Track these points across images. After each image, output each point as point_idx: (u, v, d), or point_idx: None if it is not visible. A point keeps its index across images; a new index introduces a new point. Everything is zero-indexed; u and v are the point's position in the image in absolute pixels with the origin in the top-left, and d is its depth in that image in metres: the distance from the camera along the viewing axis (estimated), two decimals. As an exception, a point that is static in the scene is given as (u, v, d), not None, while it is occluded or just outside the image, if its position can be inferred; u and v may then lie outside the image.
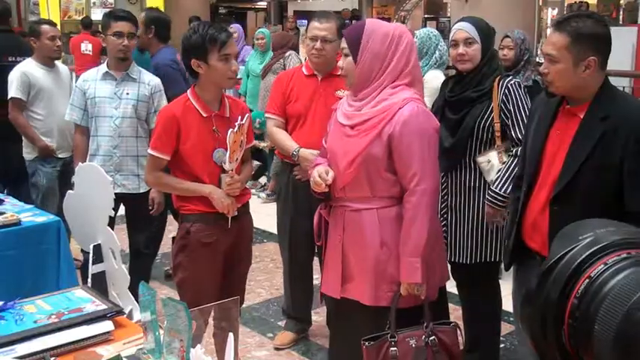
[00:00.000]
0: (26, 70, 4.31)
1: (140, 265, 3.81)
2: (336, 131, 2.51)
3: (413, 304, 2.43)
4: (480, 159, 2.88)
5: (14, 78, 4.27)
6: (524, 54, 4.29)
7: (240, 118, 2.63)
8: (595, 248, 0.79)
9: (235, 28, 6.94)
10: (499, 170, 2.85)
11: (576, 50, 2.16)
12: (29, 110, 4.34)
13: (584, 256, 0.79)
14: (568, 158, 2.23)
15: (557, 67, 2.19)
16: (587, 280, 0.77)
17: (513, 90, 2.85)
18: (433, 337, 2.41)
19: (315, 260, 3.51)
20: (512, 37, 4.45)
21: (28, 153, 4.39)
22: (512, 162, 2.80)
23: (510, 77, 2.94)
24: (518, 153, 2.72)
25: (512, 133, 2.84)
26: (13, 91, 4.27)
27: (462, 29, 2.89)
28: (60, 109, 4.31)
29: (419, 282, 2.36)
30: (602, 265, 0.77)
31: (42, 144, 4.33)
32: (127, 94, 3.62)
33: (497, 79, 2.87)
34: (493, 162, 2.86)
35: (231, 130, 2.57)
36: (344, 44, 2.44)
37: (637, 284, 0.73)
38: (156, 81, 3.71)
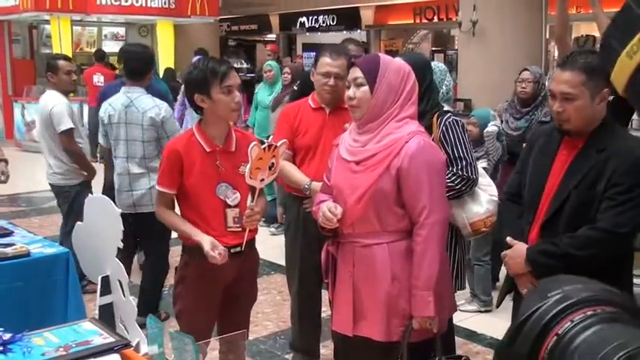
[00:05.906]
0: (64, 101, 4.60)
1: None
2: (340, 167, 2.49)
3: (424, 338, 2.41)
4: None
5: (61, 111, 4.51)
6: (542, 89, 4.30)
7: (270, 138, 2.61)
8: (562, 305, 0.82)
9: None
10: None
11: (592, 84, 2.20)
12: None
13: (552, 314, 0.82)
14: (560, 186, 2.27)
15: (576, 104, 2.21)
16: (556, 337, 0.80)
17: (451, 127, 2.87)
18: None
19: (324, 293, 3.49)
20: (531, 71, 4.45)
21: (71, 179, 4.62)
22: (459, 183, 2.82)
23: (450, 114, 2.94)
24: (459, 172, 2.80)
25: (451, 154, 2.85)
26: (67, 122, 4.51)
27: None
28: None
29: (432, 315, 2.35)
30: (570, 323, 0.80)
31: (94, 170, 4.68)
32: None
33: (435, 116, 2.88)
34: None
35: (254, 143, 2.51)
36: (358, 74, 2.42)
37: (603, 341, 0.76)
38: (101, 112, 4.18)
